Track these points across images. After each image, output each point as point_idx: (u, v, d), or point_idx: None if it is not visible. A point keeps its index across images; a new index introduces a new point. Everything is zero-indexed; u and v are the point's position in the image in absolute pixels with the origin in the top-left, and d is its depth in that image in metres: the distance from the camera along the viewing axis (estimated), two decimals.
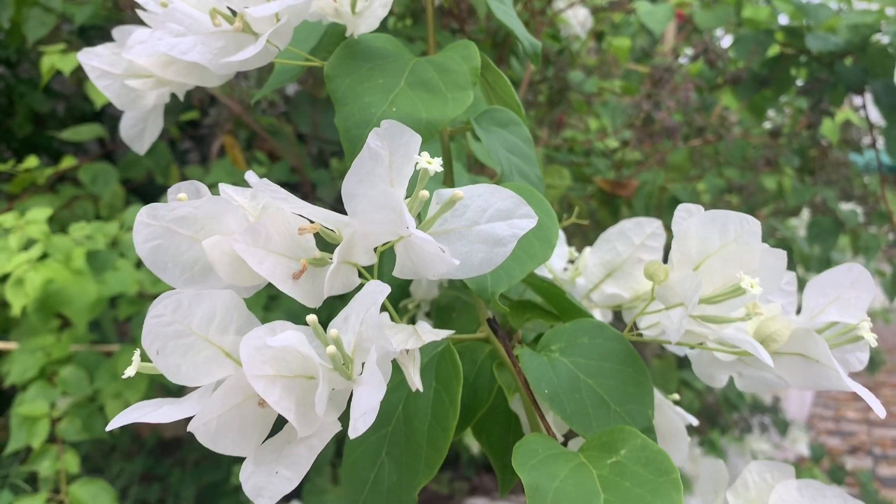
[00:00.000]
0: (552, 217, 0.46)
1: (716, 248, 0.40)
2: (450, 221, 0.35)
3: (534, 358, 0.41)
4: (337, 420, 0.33)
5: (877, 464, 3.12)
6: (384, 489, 0.42)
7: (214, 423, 0.31)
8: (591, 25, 1.42)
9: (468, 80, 0.48)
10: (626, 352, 0.42)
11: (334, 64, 0.48)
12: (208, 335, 0.33)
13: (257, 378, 0.30)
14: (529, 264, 0.42)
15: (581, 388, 0.40)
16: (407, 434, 0.42)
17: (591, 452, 0.37)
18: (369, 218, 0.33)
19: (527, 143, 0.54)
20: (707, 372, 0.46)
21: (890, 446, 3.46)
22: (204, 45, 0.42)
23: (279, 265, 0.34)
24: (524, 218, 0.34)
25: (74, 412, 1.32)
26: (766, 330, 0.40)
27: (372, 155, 0.32)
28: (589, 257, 0.55)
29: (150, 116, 0.53)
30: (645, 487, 0.34)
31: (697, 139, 1.28)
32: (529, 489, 0.34)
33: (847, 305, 0.40)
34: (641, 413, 0.40)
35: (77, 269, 1.26)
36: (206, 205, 0.35)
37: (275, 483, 0.31)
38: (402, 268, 0.35)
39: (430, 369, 0.43)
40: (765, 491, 0.42)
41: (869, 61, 1.44)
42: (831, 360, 0.38)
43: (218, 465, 1.72)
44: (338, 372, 0.33)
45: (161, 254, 0.35)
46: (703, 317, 0.40)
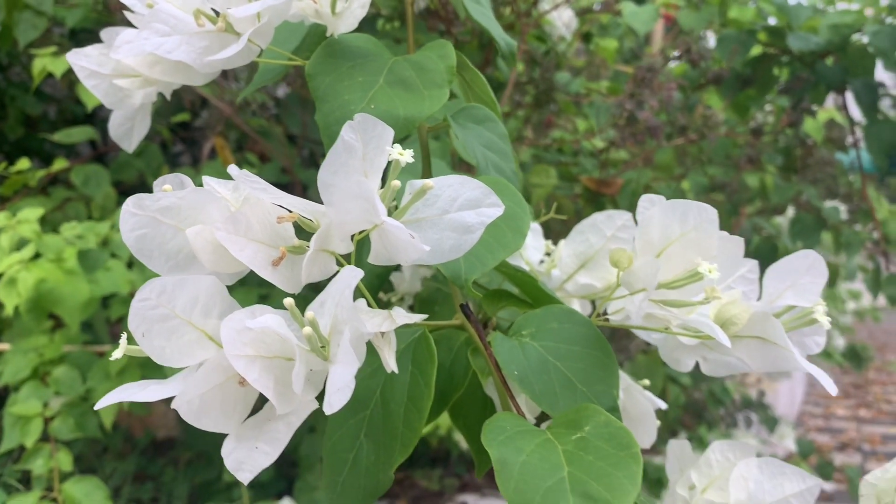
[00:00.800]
0: (524, 209, 0.48)
1: (676, 236, 0.42)
2: (422, 210, 0.37)
3: (505, 342, 0.43)
4: (314, 399, 0.35)
5: (865, 460, 3.15)
6: (363, 469, 0.44)
7: (197, 401, 0.33)
8: (575, 27, 1.44)
9: (444, 79, 0.50)
10: (593, 336, 0.44)
11: (315, 63, 0.49)
12: (192, 319, 0.35)
13: (237, 358, 0.32)
14: (502, 253, 0.44)
15: (549, 369, 0.42)
16: (384, 416, 0.44)
17: (557, 430, 0.39)
18: (344, 207, 0.35)
19: (502, 139, 0.56)
20: (673, 356, 0.48)
21: (878, 443, 3.50)
22: (188, 45, 0.44)
23: (259, 253, 0.36)
24: (492, 207, 0.36)
25: (67, 411, 1.33)
26: (725, 314, 0.42)
27: (346, 147, 0.34)
28: (563, 249, 0.57)
29: (138, 115, 0.55)
30: (607, 461, 0.36)
31: (680, 138, 1.31)
32: (497, 463, 0.36)
33: (803, 290, 0.43)
34: (607, 393, 0.42)
35: (69, 268, 1.27)
36: (189, 195, 0.37)
37: (254, 457, 0.33)
38: (377, 255, 0.37)
39: (407, 354, 0.44)
40: (727, 469, 0.44)
41: (849, 61, 1.46)
42: (787, 341, 0.40)
43: (210, 464, 1.74)
44: (315, 353, 0.35)
45: (147, 242, 0.37)
46: (664, 301, 0.42)
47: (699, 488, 0.45)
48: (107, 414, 1.38)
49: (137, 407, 1.45)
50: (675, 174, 1.48)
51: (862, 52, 1.47)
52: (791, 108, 1.43)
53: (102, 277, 1.34)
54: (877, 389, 4.84)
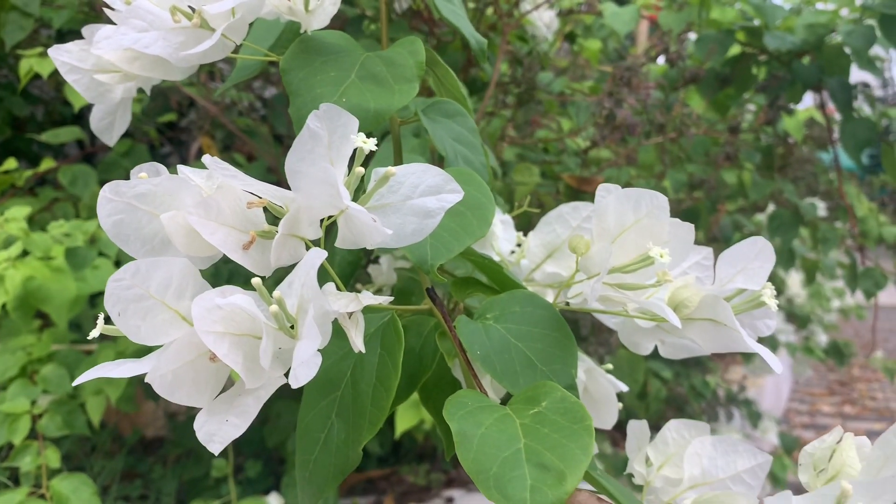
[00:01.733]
0: (490, 198, 0.50)
1: (631, 223, 0.44)
2: (386, 197, 0.39)
3: (469, 324, 0.45)
4: (283, 375, 0.37)
5: None
6: (333, 447, 0.45)
7: (170, 375, 0.35)
8: (556, 27, 1.46)
9: (414, 73, 0.52)
10: (553, 318, 0.46)
11: (289, 58, 0.51)
12: (165, 299, 0.37)
13: (207, 333, 0.33)
14: (467, 239, 0.46)
15: (511, 350, 0.44)
16: (354, 397, 0.45)
17: (516, 405, 0.41)
18: (310, 193, 0.37)
19: (472, 132, 0.58)
20: (632, 340, 0.50)
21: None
22: (165, 40, 0.46)
23: (230, 237, 0.38)
24: (452, 193, 0.38)
25: (55, 409, 1.34)
26: (678, 297, 0.44)
27: (312, 135, 0.36)
28: (531, 240, 0.59)
29: (119, 109, 0.57)
30: (561, 433, 0.38)
31: (659, 136, 1.33)
32: (457, 435, 0.38)
33: (752, 275, 0.45)
34: (565, 372, 0.44)
35: (57, 266, 1.29)
36: (164, 182, 0.39)
37: (224, 429, 0.35)
38: (343, 239, 0.39)
39: (377, 338, 0.46)
40: (682, 446, 0.46)
41: (825, 60, 1.49)
42: (735, 322, 0.42)
43: (199, 462, 1.75)
44: (283, 331, 0.37)
45: (123, 227, 0.39)
46: (620, 284, 0.44)
47: (656, 465, 0.47)
48: (94, 411, 1.39)
49: (125, 404, 1.46)
50: (656, 172, 1.51)
51: (837, 51, 1.49)
52: (768, 106, 1.46)
53: (90, 275, 1.35)
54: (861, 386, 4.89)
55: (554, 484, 0.35)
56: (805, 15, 1.46)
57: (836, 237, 1.54)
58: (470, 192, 0.49)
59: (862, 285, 1.54)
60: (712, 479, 0.45)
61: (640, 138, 1.32)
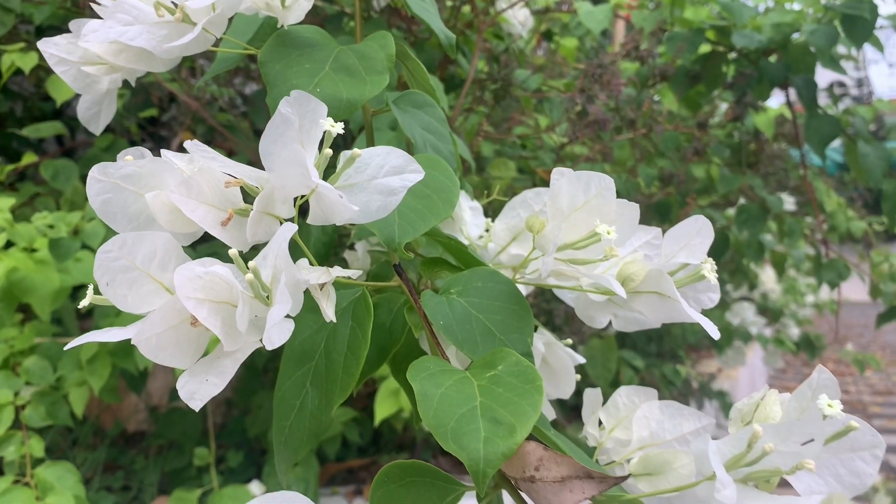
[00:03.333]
0: (455, 183, 0.53)
1: (581, 203, 0.47)
2: (353, 177, 0.42)
3: (434, 298, 0.49)
4: (258, 340, 0.40)
5: None
6: (308, 413, 0.49)
7: (154, 339, 0.38)
8: (531, 25, 1.50)
9: (385, 66, 0.55)
10: (513, 293, 0.50)
11: (267, 51, 0.55)
12: (150, 271, 0.40)
13: (188, 299, 0.37)
14: (432, 220, 0.50)
15: (472, 321, 0.48)
16: (327, 366, 0.49)
17: (474, 370, 0.44)
18: (282, 172, 0.40)
19: (441, 122, 0.61)
20: (587, 314, 0.53)
21: None
22: (149, 33, 0.49)
23: (209, 214, 0.41)
24: (413, 173, 0.42)
25: (38, 400, 1.36)
26: (626, 272, 0.48)
27: (283, 119, 0.40)
28: (497, 224, 0.63)
29: (105, 100, 0.60)
30: (514, 392, 0.41)
31: (630, 131, 1.37)
32: (419, 394, 0.41)
33: (694, 250, 0.49)
34: (521, 340, 0.48)
35: (40, 258, 1.31)
36: (148, 164, 0.42)
37: (204, 388, 0.38)
38: (314, 216, 0.42)
39: (348, 311, 0.50)
40: (632, 410, 0.50)
41: (791, 58, 1.54)
42: (676, 293, 0.46)
43: (181, 453, 1.77)
44: (258, 300, 0.40)
45: (111, 206, 0.42)
46: (572, 260, 0.48)
47: (608, 428, 0.50)
48: (77, 402, 1.41)
49: (108, 395, 1.48)
50: (628, 167, 1.55)
51: (803, 49, 1.54)
52: (735, 102, 1.51)
53: (73, 268, 1.37)
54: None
55: (505, 436, 0.39)
56: (771, 14, 1.51)
57: (800, 229, 1.59)
58: (436, 176, 0.53)
59: (825, 276, 1.59)
60: (660, 441, 0.49)
61: (612, 133, 1.36)
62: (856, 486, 0.38)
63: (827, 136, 1.50)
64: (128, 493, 1.73)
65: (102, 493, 1.64)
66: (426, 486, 0.43)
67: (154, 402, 2.01)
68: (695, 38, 1.56)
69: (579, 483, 0.38)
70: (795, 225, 1.57)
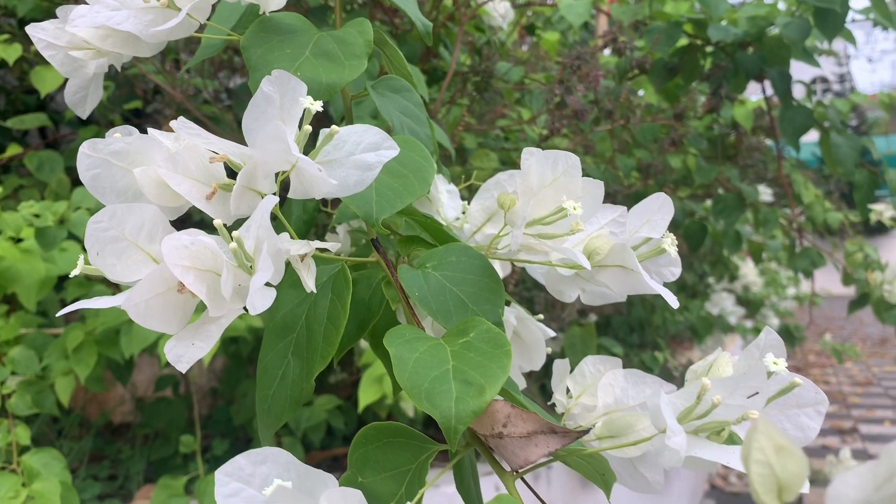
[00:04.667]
0: (430, 163, 0.56)
1: (550, 181, 0.50)
2: (332, 153, 0.45)
3: (410, 271, 0.51)
4: (242, 307, 0.43)
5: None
6: (290, 381, 0.51)
7: (143, 305, 0.40)
8: (512, 18, 1.52)
9: (363, 51, 0.58)
10: (485, 267, 0.52)
11: (249, 37, 0.57)
12: (138, 241, 0.42)
13: (175, 266, 0.39)
14: (408, 197, 0.52)
15: (446, 293, 0.50)
16: (308, 336, 0.51)
17: (448, 337, 0.47)
18: (264, 148, 0.42)
19: (417, 106, 0.64)
20: (557, 288, 0.56)
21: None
22: (136, 18, 0.51)
23: (195, 188, 0.43)
24: (389, 149, 0.44)
25: (24, 389, 1.38)
26: (592, 246, 0.50)
27: (265, 97, 0.42)
28: (472, 205, 0.65)
29: (92, 84, 0.61)
30: (484, 356, 0.44)
31: (608, 122, 1.40)
32: (395, 359, 0.44)
33: (655, 225, 0.51)
34: (493, 311, 0.50)
35: (26, 248, 1.32)
36: (136, 141, 0.44)
37: (191, 351, 0.41)
38: (295, 190, 0.45)
39: (328, 285, 0.52)
40: (597, 378, 0.53)
41: (766, 50, 1.57)
42: (638, 265, 0.49)
43: (167, 442, 1.79)
44: (241, 269, 0.42)
45: (100, 181, 0.44)
46: (540, 235, 0.51)
47: (574, 395, 0.53)
48: (63, 391, 1.43)
49: (93, 384, 1.49)
50: (607, 157, 1.58)
51: (778, 42, 1.58)
52: (711, 94, 1.54)
53: (58, 257, 1.38)
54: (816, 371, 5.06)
55: (475, 395, 0.41)
56: (746, 7, 1.54)
57: (775, 219, 1.62)
58: (412, 157, 0.55)
59: (799, 265, 1.63)
60: (624, 406, 0.51)
61: (591, 125, 1.39)
62: (801, 440, 0.41)
63: (800, 128, 1.54)
64: (114, 482, 1.75)
65: (89, 481, 1.65)
66: (402, 445, 0.45)
67: (140, 393, 2.02)
68: (672, 31, 1.59)
69: (544, 437, 0.40)
70: (770, 214, 1.61)
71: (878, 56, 17.56)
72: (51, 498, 1.15)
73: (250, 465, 0.39)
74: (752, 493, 0.24)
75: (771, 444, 0.23)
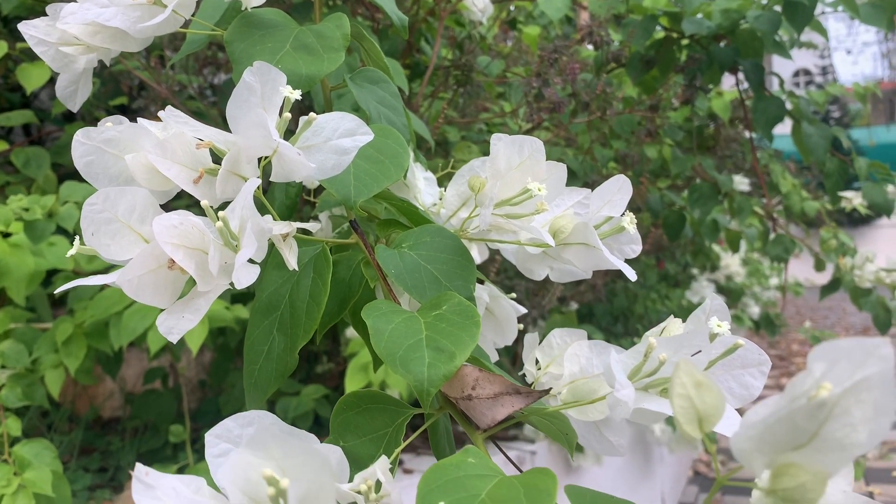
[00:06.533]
0: (405, 149, 0.59)
1: (517, 164, 0.53)
2: (311, 139, 0.48)
3: (387, 251, 0.55)
4: (228, 283, 0.46)
5: None
6: (275, 356, 0.54)
7: (136, 280, 0.43)
8: (491, 12, 1.56)
9: (340, 44, 0.61)
10: (458, 246, 0.56)
11: (232, 31, 0.60)
12: (130, 223, 0.45)
13: (166, 244, 0.42)
14: (384, 181, 0.56)
15: (421, 270, 0.54)
16: (291, 313, 0.54)
17: (422, 311, 0.50)
18: (247, 134, 0.45)
19: (394, 97, 0.67)
20: (527, 266, 0.59)
21: None
22: (124, 14, 0.54)
23: (182, 172, 0.46)
24: (364, 135, 0.48)
25: (15, 381, 1.40)
26: (556, 225, 0.54)
27: (247, 87, 0.45)
28: (448, 191, 0.69)
29: (82, 78, 0.64)
30: (455, 326, 0.47)
31: (585, 114, 1.44)
32: (372, 329, 0.47)
33: (615, 205, 0.55)
34: (465, 286, 0.53)
35: (16, 242, 1.34)
36: (127, 129, 0.47)
37: (181, 323, 0.44)
38: (276, 174, 0.48)
39: (310, 265, 0.55)
40: (564, 349, 0.56)
41: (739, 43, 1.61)
42: (598, 242, 0.52)
43: (156, 433, 1.81)
44: (227, 247, 0.45)
45: (94, 167, 0.47)
46: (508, 215, 0.54)
47: (543, 365, 0.57)
48: (53, 384, 1.45)
49: (83, 376, 1.51)
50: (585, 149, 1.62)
51: (751, 35, 1.62)
52: (685, 86, 1.58)
53: (47, 251, 1.41)
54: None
55: (446, 361, 0.45)
56: (719, 1, 1.58)
57: (749, 206, 1.67)
58: (388, 143, 0.59)
59: (773, 251, 1.68)
60: (588, 375, 0.55)
61: (569, 116, 1.43)
62: (745, 397, 0.44)
63: (773, 118, 1.58)
64: (104, 473, 1.77)
65: (79, 472, 1.68)
66: (380, 411, 0.49)
67: (129, 388, 2.04)
68: (648, 24, 1.62)
69: (509, 398, 0.44)
70: (745, 203, 1.65)
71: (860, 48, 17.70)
72: (42, 486, 1.18)
73: (238, 427, 0.42)
74: (676, 425, 0.27)
75: (691, 381, 0.27)
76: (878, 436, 0.25)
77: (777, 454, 0.25)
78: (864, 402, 0.24)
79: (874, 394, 0.24)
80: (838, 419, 0.24)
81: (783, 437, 0.25)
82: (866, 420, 0.25)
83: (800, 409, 0.24)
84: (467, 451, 0.39)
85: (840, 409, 0.24)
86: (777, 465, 0.26)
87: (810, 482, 0.25)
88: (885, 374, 0.24)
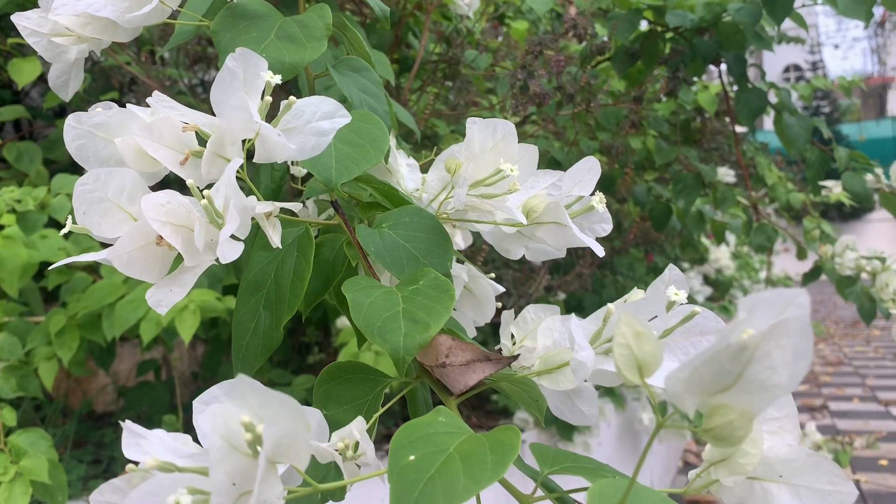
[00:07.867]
0: (385, 134, 0.61)
1: (490, 146, 0.56)
2: (291, 122, 0.50)
3: (367, 230, 0.57)
4: (214, 258, 0.48)
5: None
6: (261, 332, 0.57)
7: (126, 256, 0.46)
8: (477, 6, 1.58)
9: (323, 33, 0.63)
10: (436, 226, 0.58)
11: (218, 22, 0.62)
12: (120, 202, 0.47)
13: (154, 220, 0.44)
14: (364, 164, 0.58)
15: (399, 248, 0.56)
16: (276, 291, 0.57)
17: (400, 286, 0.53)
18: (230, 117, 0.48)
19: (376, 84, 0.69)
20: (503, 246, 0.62)
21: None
22: (113, 5, 0.56)
23: (169, 154, 0.49)
24: (342, 117, 0.50)
25: (9, 373, 1.42)
26: (529, 205, 0.57)
27: (230, 72, 0.47)
28: (429, 176, 0.71)
29: (73, 69, 0.66)
30: (431, 300, 0.50)
31: (570, 106, 1.46)
32: (351, 303, 0.50)
33: (585, 185, 0.57)
34: (442, 263, 0.56)
35: (8, 234, 1.36)
36: (116, 114, 0.49)
37: (169, 296, 0.46)
38: (259, 155, 0.50)
39: (294, 245, 0.58)
40: (537, 324, 0.59)
41: (722, 35, 1.64)
42: (569, 221, 0.55)
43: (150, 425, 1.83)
44: (212, 224, 0.48)
45: (85, 150, 0.49)
46: (483, 195, 0.57)
47: (518, 339, 0.59)
48: (47, 375, 1.47)
49: (76, 368, 1.53)
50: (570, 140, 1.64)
51: (733, 28, 1.65)
52: (668, 78, 1.61)
53: (39, 244, 1.43)
54: None
55: (421, 331, 0.47)
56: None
57: (732, 197, 1.70)
58: (369, 128, 0.61)
59: (755, 240, 1.71)
60: (561, 348, 0.58)
61: (553, 107, 1.45)
62: None
63: (755, 110, 1.61)
64: (98, 465, 1.79)
65: (73, 463, 1.70)
66: (360, 380, 0.51)
67: (122, 382, 2.06)
68: (632, 17, 1.65)
69: (480, 364, 0.47)
70: (728, 193, 1.68)
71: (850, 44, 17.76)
72: (39, 473, 1.20)
73: (223, 393, 0.44)
74: (617, 371, 0.30)
75: (631, 331, 0.29)
76: (797, 378, 0.28)
77: (706, 396, 0.28)
78: (784, 346, 0.27)
79: (793, 339, 0.27)
80: (760, 362, 0.27)
81: (710, 379, 0.27)
82: (786, 363, 0.27)
83: (724, 351, 0.26)
84: (438, 411, 0.41)
85: (761, 353, 0.27)
86: (708, 406, 0.28)
87: (738, 420, 0.28)
88: (802, 320, 0.27)
